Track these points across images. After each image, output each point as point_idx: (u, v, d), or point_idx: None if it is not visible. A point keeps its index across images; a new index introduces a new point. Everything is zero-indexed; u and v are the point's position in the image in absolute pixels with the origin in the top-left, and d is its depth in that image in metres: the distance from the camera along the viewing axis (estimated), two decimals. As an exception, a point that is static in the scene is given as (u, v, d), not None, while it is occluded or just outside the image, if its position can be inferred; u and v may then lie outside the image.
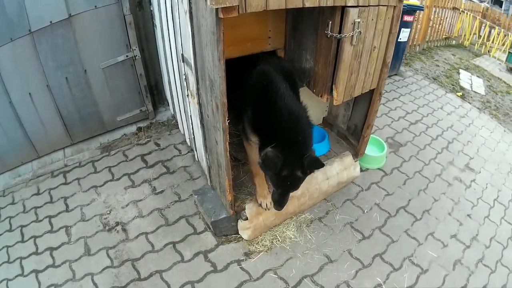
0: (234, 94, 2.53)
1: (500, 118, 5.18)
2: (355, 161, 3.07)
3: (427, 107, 4.76)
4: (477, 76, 6.68)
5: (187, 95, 2.46)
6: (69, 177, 3.17)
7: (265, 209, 2.49)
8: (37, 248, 2.62)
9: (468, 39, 8.82)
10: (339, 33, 2.07)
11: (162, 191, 3.00)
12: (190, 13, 1.86)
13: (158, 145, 3.49)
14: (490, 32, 9.33)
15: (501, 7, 16.99)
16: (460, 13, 8.51)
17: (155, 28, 3.25)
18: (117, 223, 2.74)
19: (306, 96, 2.61)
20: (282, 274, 2.41)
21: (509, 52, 8.15)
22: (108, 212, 2.84)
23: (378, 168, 3.41)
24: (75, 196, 3.00)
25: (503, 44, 8.84)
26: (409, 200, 3.10)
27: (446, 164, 3.67)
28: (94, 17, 2.88)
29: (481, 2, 13.47)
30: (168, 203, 2.89)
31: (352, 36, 2.06)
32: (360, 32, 2.09)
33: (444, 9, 7.76)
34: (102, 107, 3.38)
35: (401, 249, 2.66)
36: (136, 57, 3.29)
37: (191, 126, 2.76)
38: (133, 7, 3.11)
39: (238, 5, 1.49)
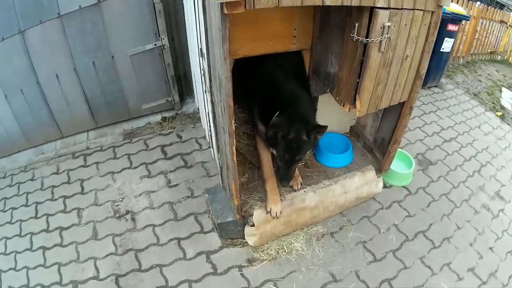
0: (248, 90, 2.50)
1: (539, 144, 4.72)
2: (377, 177, 2.88)
3: (464, 124, 4.44)
4: (519, 96, 6.17)
5: (205, 91, 2.40)
6: (89, 160, 3.24)
7: (274, 218, 2.39)
8: (48, 226, 2.71)
9: (513, 55, 8.19)
10: (366, 37, 1.87)
11: (177, 184, 2.98)
12: (204, 6, 1.78)
13: (180, 137, 3.48)
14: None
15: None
16: (507, 28, 7.89)
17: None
18: (127, 212, 2.77)
19: (333, 102, 2.45)
20: (282, 287, 2.31)
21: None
22: (121, 199, 2.87)
23: (403, 186, 3.20)
24: (91, 180, 3.05)
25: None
26: (431, 224, 2.87)
27: (476, 189, 3.38)
28: (123, 4, 2.89)
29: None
30: (180, 197, 2.87)
31: (381, 41, 1.86)
32: (390, 38, 1.88)
33: (491, 22, 7.19)
34: (128, 94, 3.41)
35: (412, 277, 2.46)
36: (165, 46, 3.28)
37: (208, 123, 2.70)
38: (164, -5, 3.08)
39: (245, 0, 1.37)
